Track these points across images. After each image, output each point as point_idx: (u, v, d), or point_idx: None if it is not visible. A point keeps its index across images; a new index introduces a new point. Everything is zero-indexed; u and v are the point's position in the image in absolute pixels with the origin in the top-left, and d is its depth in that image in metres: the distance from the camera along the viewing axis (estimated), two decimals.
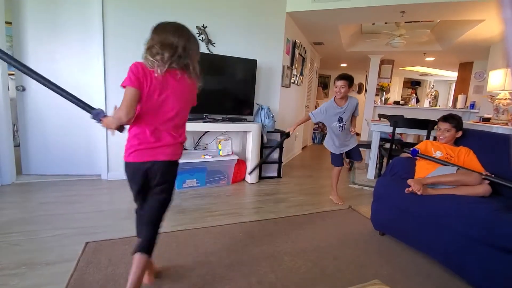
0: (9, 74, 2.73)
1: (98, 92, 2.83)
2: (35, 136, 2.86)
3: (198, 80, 1.30)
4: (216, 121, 3.06)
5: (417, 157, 1.99)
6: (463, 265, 1.50)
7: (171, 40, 1.19)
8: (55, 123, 2.86)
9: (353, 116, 2.58)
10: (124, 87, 1.18)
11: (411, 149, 2.01)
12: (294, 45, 4.10)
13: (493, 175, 1.70)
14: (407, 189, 1.75)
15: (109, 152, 2.98)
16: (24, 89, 2.76)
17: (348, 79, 2.39)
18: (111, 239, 1.78)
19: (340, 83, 2.38)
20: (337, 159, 2.72)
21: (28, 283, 1.36)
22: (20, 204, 2.28)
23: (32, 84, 2.76)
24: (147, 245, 1.20)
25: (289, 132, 2.49)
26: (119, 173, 3.01)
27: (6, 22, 2.54)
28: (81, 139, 2.94)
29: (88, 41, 2.79)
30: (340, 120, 2.50)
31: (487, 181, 1.67)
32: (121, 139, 1.37)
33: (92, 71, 2.83)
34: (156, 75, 1.17)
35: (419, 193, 1.70)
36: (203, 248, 1.75)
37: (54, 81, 1.23)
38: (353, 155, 2.74)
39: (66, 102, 1.29)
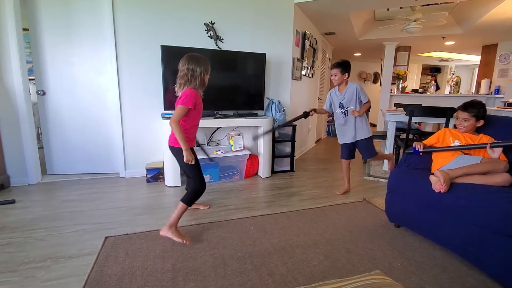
0: (30, 80, 2.87)
1: (112, 92, 2.93)
2: (57, 138, 3.00)
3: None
4: (227, 116, 3.09)
5: (421, 153, 1.92)
6: (481, 257, 1.44)
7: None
8: (75, 124, 2.99)
9: (363, 103, 2.52)
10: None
11: (413, 146, 1.93)
12: (304, 36, 4.03)
13: (500, 141, 1.68)
14: (439, 188, 1.60)
15: (125, 152, 3.08)
16: (44, 93, 2.90)
17: (340, 66, 2.45)
18: (128, 234, 1.86)
19: (333, 71, 2.49)
20: (343, 150, 2.71)
21: (53, 275, 1.45)
22: (45, 202, 2.41)
23: (52, 88, 2.90)
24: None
25: (308, 112, 2.60)
26: (135, 170, 3.12)
27: (24, 29, 2.67)
28: (100, 139, 3.06)
29: (102, 44, 2.88)
30: (341, 106, 2.52)
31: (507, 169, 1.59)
32: (136, 139, 1.46)
33: (106, 73, 2.92)
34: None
35: (443, 191, 1.58)
36: (216, 241, 1.79)
37: (72, 84, 1.29)
38: (361, 151, 2.64)
39: (84, 104, 1.34)
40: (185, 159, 1.72)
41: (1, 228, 1.93)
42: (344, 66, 2.45)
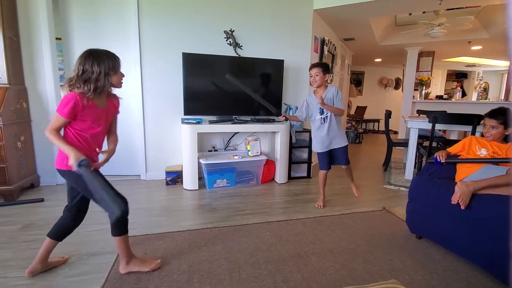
0: (61, 86, 3.05)
1: (136, 98, 3.06)
2: None
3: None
4: (245, 122, 3.12)
5: (444, 164, 1.85)
6: (507, 271, 1.36)
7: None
8: None
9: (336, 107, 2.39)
10: None
11: (435, 156, 1.86)
12: (323, 42, 4.02)
13: None
14: (457, 200, 1.56)
15: (147, 155, 3.19)
16: None
17: (320, 66, 2.35)
18: (147, 234, 1.91)
19: (313, 71, 2.35)
20: (322, 160, 2.53)
21: (76, 272, 1.53)
22: None
23: None
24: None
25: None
26: (155, 173, 3.21)
27: (57, 38, 2.86)
28: (122, 142, 3.11)
29: (127, 53, 3.00)
30: (321, 111, 2.39)
31: None
32: (157, 143, 1.53)
33: (131, 80, 3.05)
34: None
35: (462, 207, 1.53)
36: (231, 245, 1.80)
37: None
38: (338, 157, 2.51)
39: None
40: (70, 162, 1.30)
41: (30, 225, 2.05)
42: (325, 67, 2.35)
